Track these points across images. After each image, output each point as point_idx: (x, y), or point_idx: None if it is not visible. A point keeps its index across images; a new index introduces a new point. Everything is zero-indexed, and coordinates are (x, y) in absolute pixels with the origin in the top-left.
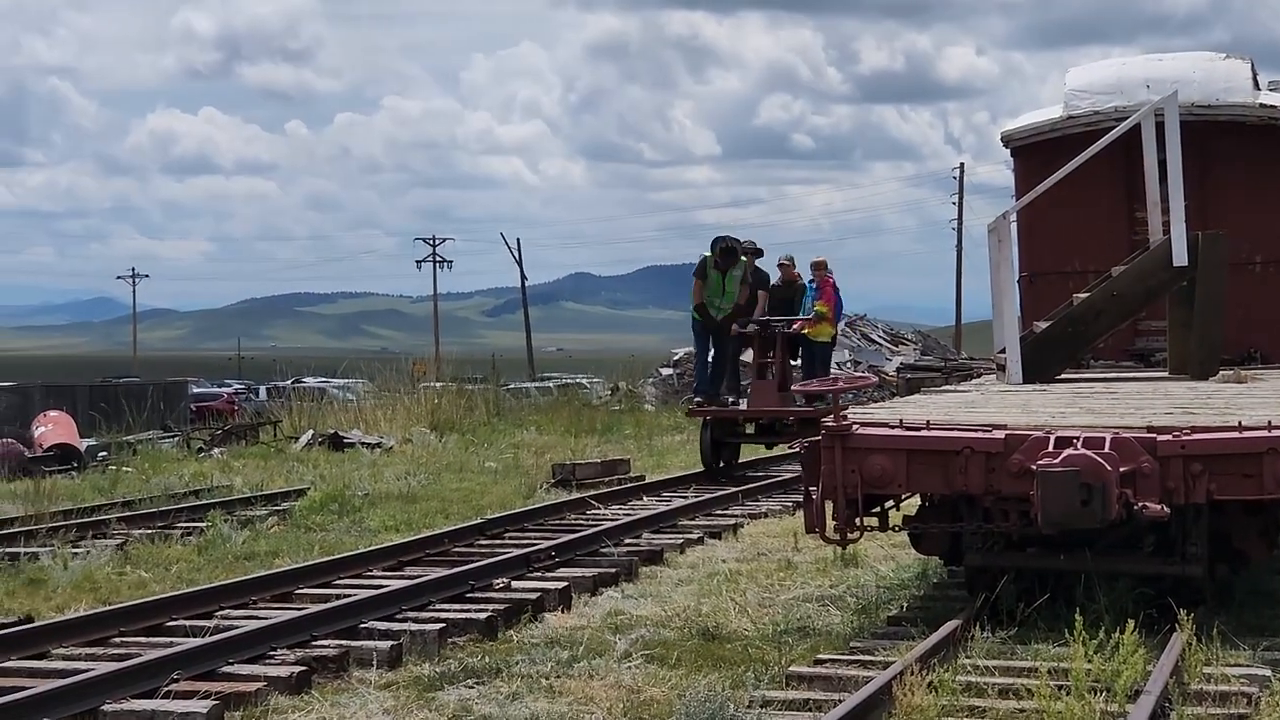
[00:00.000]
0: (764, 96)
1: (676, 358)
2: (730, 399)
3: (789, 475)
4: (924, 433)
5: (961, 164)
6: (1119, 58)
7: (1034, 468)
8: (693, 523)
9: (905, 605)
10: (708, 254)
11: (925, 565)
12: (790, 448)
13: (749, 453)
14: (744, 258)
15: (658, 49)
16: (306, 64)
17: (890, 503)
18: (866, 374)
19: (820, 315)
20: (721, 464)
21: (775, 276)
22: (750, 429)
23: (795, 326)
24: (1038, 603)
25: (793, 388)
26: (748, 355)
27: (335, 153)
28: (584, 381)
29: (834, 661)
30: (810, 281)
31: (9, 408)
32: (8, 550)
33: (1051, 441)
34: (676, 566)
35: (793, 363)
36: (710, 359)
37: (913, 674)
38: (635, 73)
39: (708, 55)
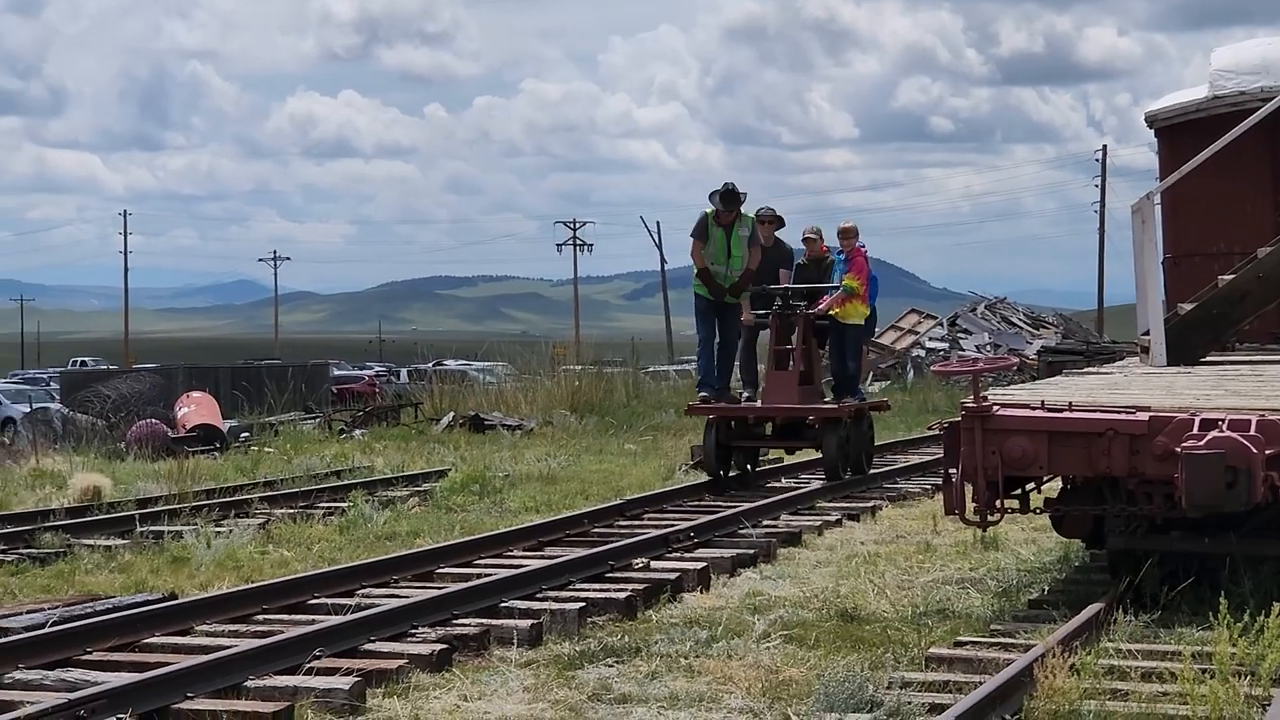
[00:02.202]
0: (902, 79)
1: None
2: (746, 393)
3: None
4: (1066, 414)
5: (1104, 146)
6: (1264, 37)
7: (1178, 450)
8: (831, 505)
9: (1046, 588)
10: (708, 210)
11: (1067, 548)
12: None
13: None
14: (753, 215)
15: (795, 31)
16: (445, 47)
17: (1031, 485)
18: (1007, 356)
19: (850, 291)
20: (732, 473)
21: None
22: (768, 430)
23: (820, 306)
24: (1181, 586)
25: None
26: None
27: (474, 136)
28: None
29: (974, 644)
30: (839, 253)
31: (153, 389)
32: (152, 529)
33: (1196, 424)
34: (815, 548)
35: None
36: (716, 345)
37: (1054, 657)
38: (773, 55)
39: (845, 37)
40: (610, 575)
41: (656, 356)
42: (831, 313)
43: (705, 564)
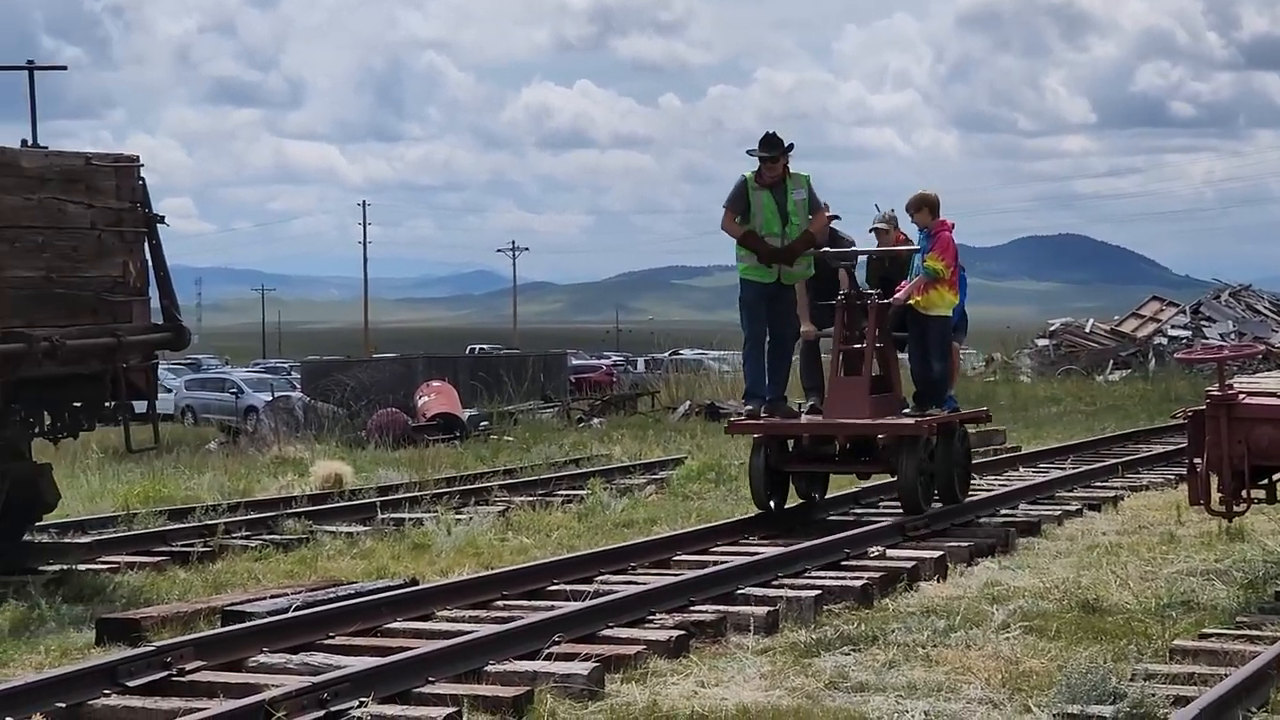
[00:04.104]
0: (1140, 63)
1: (1053, 328)
2: (809, 403)
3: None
4: None
5: None
6: None
7: None
8: (1070, 494)
9: None
10: (746, 174)
11: None
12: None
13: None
14: (805, 175)
15: (1030, 16)
16: (679, 36)
17: (1279, 475)
18: (1253, 344)
19: (934, 275)
20: (786, 503)
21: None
22: (833, 450)
23: (899, 295)
24: None
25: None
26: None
27: (709, 126)
28: (962, 352)
29: (1220, 636)
30: (921, 230)
31: (393, 378)
32: (394, 516)
33: None
34: (1054, 538)
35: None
36: (768, 345)
37: None
38: (1007, 41)
39: (1082, 22)
40: (846, 563)
41: None
42: (911, 302)
43: (942, 553)
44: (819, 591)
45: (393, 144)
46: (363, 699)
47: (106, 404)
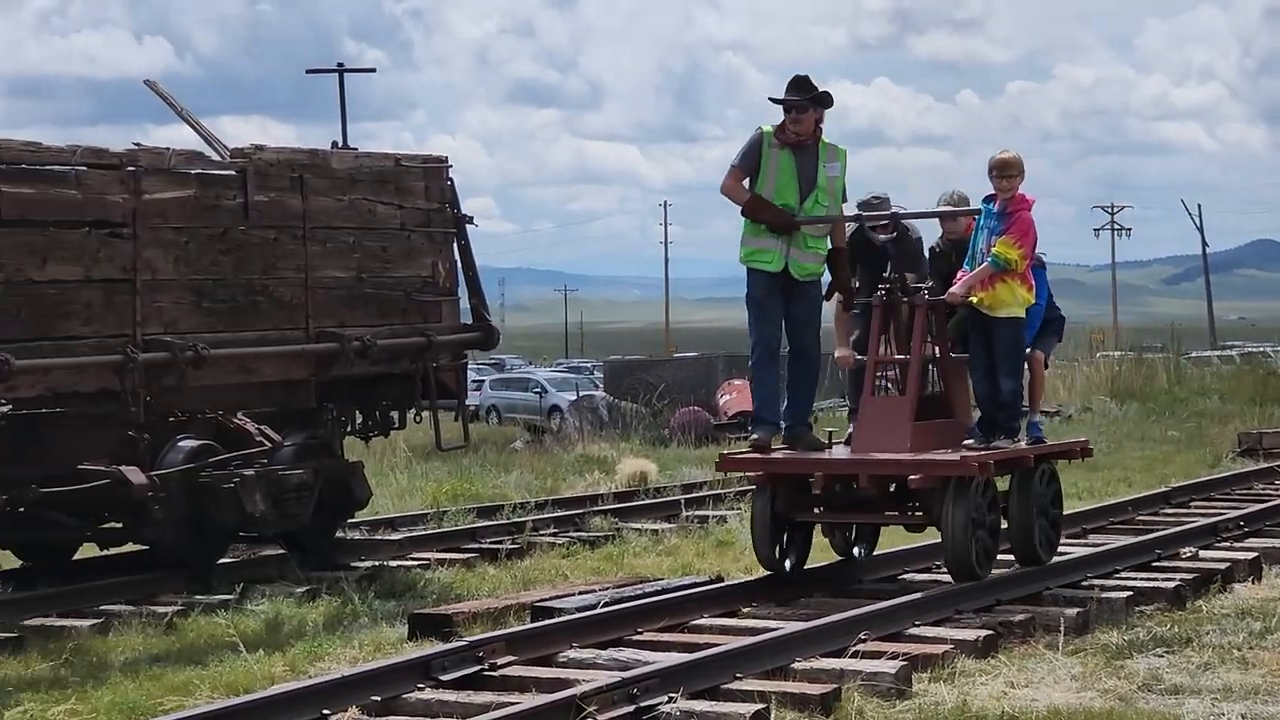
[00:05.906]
0: None
1: None
2: (849, 432)
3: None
4: None
5: None
6: None
7: None
8: None
9: None
10: (765, 127)
11: None
12: None
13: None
14: (844, 149)
15: None
16: (976, 33)
17: None
18: None
19: (1004, 265)
20: (806, 562)
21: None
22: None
23: (956, 288)
24: None
25: None
26: None
27: (1007, 123)
28: (1269, 350)
29: None
30: (988, 200)
31: (694, 377)
32: (697, 513)
33: None
34: None
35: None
36: (787, 356)
37: None
38: None
39: None
40: (1157, 564)
41: (1197, 342)
42: (973, 300)
43: (1257, 554)
44: (1130, 593)
45: (692, 145)
46: (672, 694)
47: (417, 403)
